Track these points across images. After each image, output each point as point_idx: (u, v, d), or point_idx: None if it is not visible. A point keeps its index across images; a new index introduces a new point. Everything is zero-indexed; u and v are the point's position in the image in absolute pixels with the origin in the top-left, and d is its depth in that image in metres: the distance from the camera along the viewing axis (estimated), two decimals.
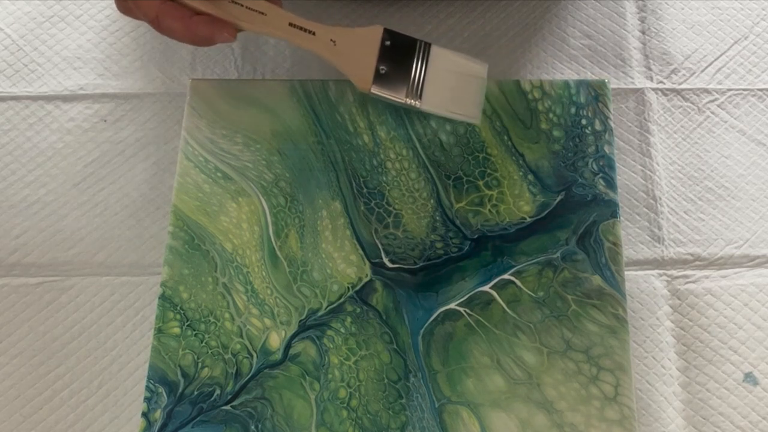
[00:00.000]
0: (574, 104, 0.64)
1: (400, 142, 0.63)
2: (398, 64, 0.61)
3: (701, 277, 0.67)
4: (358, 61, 0.61)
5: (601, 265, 0.59)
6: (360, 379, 0.56)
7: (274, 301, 0.58)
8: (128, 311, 0.66)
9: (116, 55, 0.76)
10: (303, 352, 0.56)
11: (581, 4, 0.78)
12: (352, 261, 0.59)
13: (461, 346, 0.57)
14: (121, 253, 0.68)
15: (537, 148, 0.63)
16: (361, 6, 0.78)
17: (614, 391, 0.55)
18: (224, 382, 0.56)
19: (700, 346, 0.65)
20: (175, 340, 0.57)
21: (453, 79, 0.62)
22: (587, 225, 0.60)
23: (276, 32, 0.61)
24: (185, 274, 0.59)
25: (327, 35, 0.61)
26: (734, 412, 0.63)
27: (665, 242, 0.69)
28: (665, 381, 0.64)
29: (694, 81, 0.75)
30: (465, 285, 0.58)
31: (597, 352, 0.56)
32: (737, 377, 0.65)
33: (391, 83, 0.61)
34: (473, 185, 0.62)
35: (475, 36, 0.77)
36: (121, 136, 0.73)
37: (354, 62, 0.61)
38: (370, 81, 0.61)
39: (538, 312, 0.57)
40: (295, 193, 0.61)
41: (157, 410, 0.55)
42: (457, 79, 0.62)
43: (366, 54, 0.61)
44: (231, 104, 0.64)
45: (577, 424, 0.54)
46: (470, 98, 0.62)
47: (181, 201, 0.61)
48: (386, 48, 0.61)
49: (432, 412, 0.55)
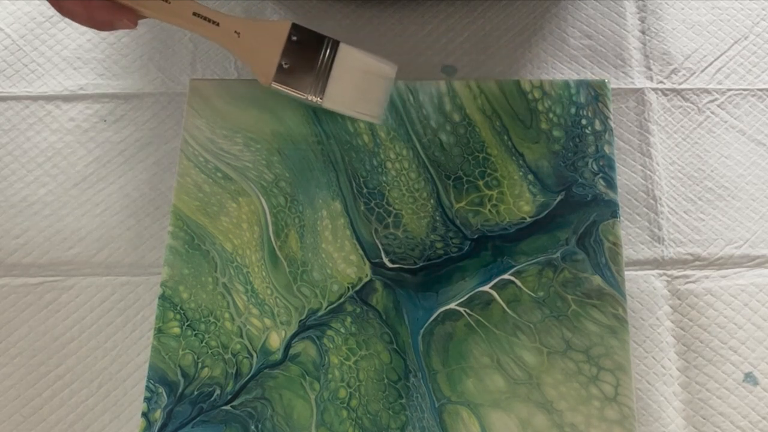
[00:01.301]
0: (574, 104, 0.64)
1: (400, 142, 0.63)
2: (303, 60, 0.61)
3: (701, 277, 0.67)
4: (262, 54, 0.61)
5: (601, 265, 0.59)
6: (360, 379, 0.56)
7: (274, 301, 0.58)
8: (128, 311, 0.66)
9: (116, 55, 0.76)
10: (303, 352, 0.56)
11: (581, 4, 0.78)
12: (352, 261, 0.59)
13: (461, 346, 0.56)
14: (121, 253, 0.68)
15: (537, 148, 0.62)
16: (360, 6, 0.78)
17: (614, 391, 0.55)
18: (224, 382, 0.56)
19: (700, 346, 0.65)
20: (175, 340, 0.57)
21: (359, 78, 0.61)
22: (587, 225, 0.60)
23: (179, 21, 0.60)
24: (185, 274, 0.59)
25: (232, 26, 0.60)
26: (734, 412, 0.63)
27: (665, 242, 0.69)
28: (665, 381, 0.64)
29: (694, 81, 0.75)
30: (465, 285, 0.58)
31: (597, 352, 0.56)
32: (737, 377, 0.65)
33: (294, 79, 0.61)
34: (473, 185, 0.62)
35: (475, 36, 0.77)
36: (121, 136, 0.73)
37: (257, 55, 0.61)
38: (271, 75, 0.60)
39: (538, 312, 0.57)
40: (295, 193, 0.61)
41: (157, 410, 0.55)
42: (363, 79, 0.61)
43: (270, 48, 0.60)
44: (231, 104, 0.64)
45: (577, 424, 0.54)
46: (375, 98, 0.62)
47: (181, 201, 0.61)
48: (292, 43, 0.61)
49: (432, 412, 0.55)
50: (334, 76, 0.61)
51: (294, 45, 0.61)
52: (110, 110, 0.74)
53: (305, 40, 0.61)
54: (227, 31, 0.60)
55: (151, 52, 0.77)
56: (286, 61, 0.60)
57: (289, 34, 0.61)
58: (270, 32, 0.61)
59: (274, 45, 0.61)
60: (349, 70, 0.61)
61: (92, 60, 0.76)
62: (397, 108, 0.64)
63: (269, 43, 0.61)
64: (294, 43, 0.61)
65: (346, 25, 0.77)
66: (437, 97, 0.64)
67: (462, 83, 0.65)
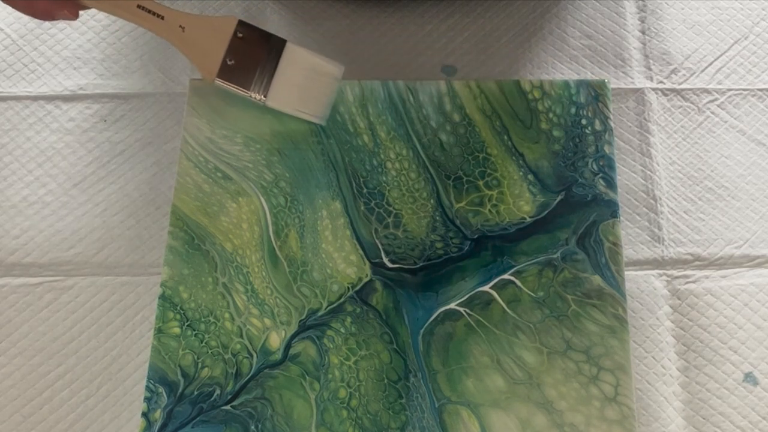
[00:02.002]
0: (574, 104, 0.63)
1: (400, 142, 0.63)
2: (248, 57, 0.61)
3: (701, 277, 0.67)
4: (206, 50, 0.60)
5: (601, 265, 0.58)
6: (360, 379, 0.55)
7: (274, 301, 0.58)
8: (128, 311, 0.66)
9: (116, 55, 0.76)
10: (303, 352, 0.56)
11: (581, 4, 0.78)
12: (352, 261, 0.59)
13: (461, 346, 0.56)
14: (121, 253, 0.68)
15: (537, 148, 0.62)
16: (361, 6, 0.78)
17: (614, 391, 0.55)
18: (224, 382, 0.55)
19: (700, 346, 0.65)
20: (175, 340, 0.57)
21: (304, 77, 0.61)
22: (587, 225, 0.60)
23: (122, 13, 0.60)
24: (185, 274, 0.59)
25: (176, 21, 0.60)
26: (734, 412, 0.63)
27: (665, 242, 0.68)
28: (665, 381, 0.64)
29: (694, 81, 0.75)
30: (465, 285, 0.58)
31: (597, 352, 0.56)
32: (737, 377, 0.64)
33: (238, 76, 0.60)
34: (473, 185, 0.61)
35: (475, 36, 0.76)
36: (121, 136, 0.73)
37: (201, 51, 0.60)
38: (215, 71, 0.60)
39: (538, 312, 0.57)
40: (295, 193, 0.61)
41: (157, 410, 0.54)
42: (308, 78, 0.61)
43: (215, 44, 0.60)
44: (231, 104, 0.64)
45: (577, 424, 0.54)
46: (319, 98, 0.62)
47: (181, 201, 0.61)
48: (238, 40, 0.60)
49: (432, 411, 0.54)
50: (278, 74, 0.60)
51: (240, 42, 0.60)
52: (110, 110, 0.74)
53: (251, 37, 0.61)
54: (172, 25, 0.60)
55: (151, 52, 0.76)
56: (231, 58, 0.60)
57: (235, 30, 0.60)
58: (216, 28, 0.61)
59: (220, 41, 0.60)
60: (294, 69, 0.61)
61: (92, 60, 0.76)
62: (397, 108, 0.64)
63: (214, 39, 0.60)
64: (240, 39, 0.60)
65: (346, 25, 0.77)
66: (437, 97, 0.64)
67: (462, 83, 0.65)
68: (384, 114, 0.64)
